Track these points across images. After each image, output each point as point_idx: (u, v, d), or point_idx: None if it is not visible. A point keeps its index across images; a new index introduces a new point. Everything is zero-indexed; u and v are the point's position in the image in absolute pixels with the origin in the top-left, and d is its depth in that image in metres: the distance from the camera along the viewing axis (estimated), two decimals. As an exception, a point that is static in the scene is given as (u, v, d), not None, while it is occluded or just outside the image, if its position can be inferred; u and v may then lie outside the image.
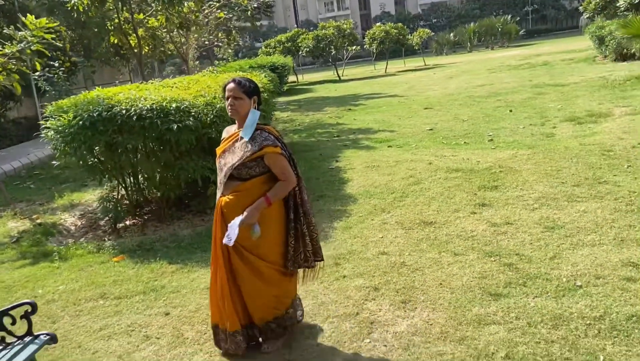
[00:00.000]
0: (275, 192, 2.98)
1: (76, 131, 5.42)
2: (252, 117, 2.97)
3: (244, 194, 2.96)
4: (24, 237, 6.11)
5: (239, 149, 2.97)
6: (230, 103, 2.99)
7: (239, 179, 2.97)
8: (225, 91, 3.04)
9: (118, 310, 3.99)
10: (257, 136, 2.96)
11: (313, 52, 26.87)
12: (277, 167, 2.98)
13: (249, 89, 3.02)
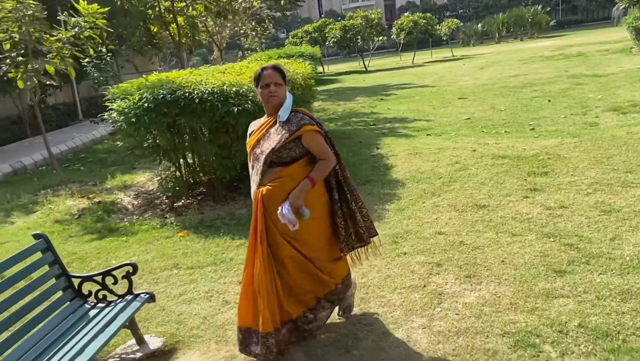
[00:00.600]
0: (317, 171, 2.90)
1: (141, 113, 5.68)
2: (289, 100, 2.96)
3: (287, 180, 2.87)
4: (86, 214, 6.43)
5: (274, 134, 2.90)
6: (272, 90, 2.90)
7: (279, 164, 2.89)
8: (262, 78, 2.92)
9: (193, 278, 4.25)
10: (292, 117, 2.92)
11: (340, 42, 26.94)
12: (315, 145, 2.91)
13: (285, 74, 3.02)
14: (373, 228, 3.23)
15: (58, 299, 3.10)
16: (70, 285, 3.18)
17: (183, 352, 3.23)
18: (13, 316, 2.81)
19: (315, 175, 2.89)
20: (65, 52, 7.77)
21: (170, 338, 3.36)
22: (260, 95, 2.98)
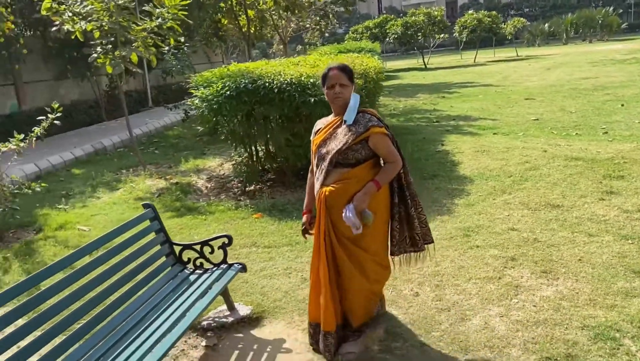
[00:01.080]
0: (383, 175, 2.86)
1: (223, 100, 6.01)
2: (354, 101, 2.89)
3: (352, 182, 2.84)
4: (165, 193, 6.84)
5: (341, 134, 2.86)
6: (337, 92, 2.87)
7: (344, 165, 2.85)
8: (328, 79, 2.90)
9: (271, 256, 4.51)
10: (359, 118, 2.86)
11: (400, 38, 26.77)
12: (383, 147, 2.87)
13: (351, 74, 2.95)
14: (429, 235, 3.15)
15: (161, 265, 3.41)
16: (172, 252, 3.49)
17: (269, 320, 3.47)
18: (123, 278, 3.12)
19: (381, 178, 2.85)
20: (149, 41, 8.25)
21: (257, 307, 3.62)
22: (326, 95, 2.97)
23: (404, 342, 3.08)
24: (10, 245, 5.20)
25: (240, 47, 25.69)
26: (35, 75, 12.50)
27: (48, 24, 11.36)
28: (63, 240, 5.25)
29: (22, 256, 4.87)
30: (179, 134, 11.84)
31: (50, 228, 5.64)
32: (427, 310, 3.41)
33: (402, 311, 3.41)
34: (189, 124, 12.62)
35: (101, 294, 2.91)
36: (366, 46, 20.22)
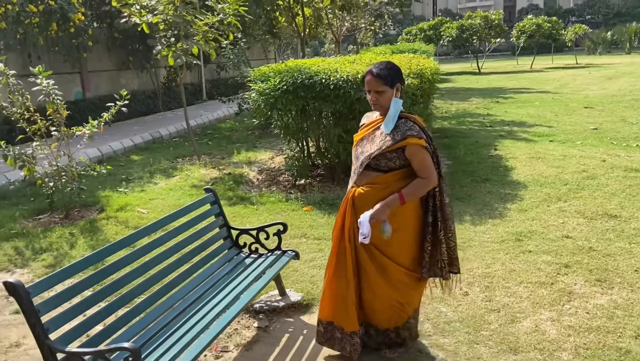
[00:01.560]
0: (411, 190, 2.68)
1: (279, 95, 6.15)
2: (394, 108, 2.70)
3: (381, 187, 2.72)
4: (218, 182, 7.07)
5: (378, 138, 2.72)
6: (372, 99, 2.74)
7: (377, 170, 2.74)
8: (365, 83, 2.78)
9: (320, 248, 4.60)
10: (400, 124, 2.70)
11: (455, 41, 26.37)
12: (417, 161, 2.68)
13: (390, 78, 2.70)
14: (456, 265, 2.89)
15: (218, 248, 3.56)
16: (229, 236, 3.64)
17: (318, 308, 3.56)
18: (182, 258, 3.27)
19: (407, 192, 2.67)
20: (209, 35, 8.53)
21: (307, 295, 3.72)
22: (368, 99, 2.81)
23: (453, 338, 3.10)
24: (75, 222, 5.52)
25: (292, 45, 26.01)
26: (99, 65, 13.11)
27: (115, 16, 11.92)
28: (123, 220, 5.53)
29: (86, 233, 5.17)
30: (231, 127, 12.15)
31: (112, 208, 5.95)
32: (477, 309, 3.41)
33: (450, 309, 3.43)
34: (242, 118, 12.92)
35: (161, 273, 3.07)
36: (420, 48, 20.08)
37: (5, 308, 3.74)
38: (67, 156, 5.67)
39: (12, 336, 3.36)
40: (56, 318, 2.26)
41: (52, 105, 5.37)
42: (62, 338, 2.22)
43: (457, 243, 2.87)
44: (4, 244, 4.94)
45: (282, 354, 3.07)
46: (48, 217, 5.76)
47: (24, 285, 2.13)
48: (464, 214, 5.29)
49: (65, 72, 11.73)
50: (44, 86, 5.27)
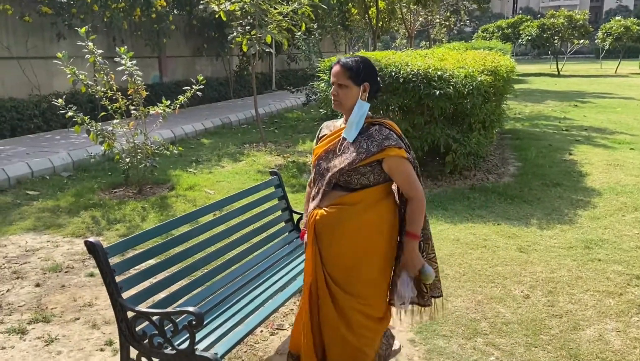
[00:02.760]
0: (415, 220, 2.26)
1: (348, 85, 6.17)
2: (358, 112, 2.23)
3: (347, 210, 2.25)
4: (282, 169, 7.21)
5: (349, 149, 2.25)
6: (333, 93, 2.28)
7: (345, 188, 2.27)
8: (331, 74, 2.32)
9: (379, 240, 4.61)
10: (374, 132, 2.24)
11: (534, 41, 25.30)
12: (401, 175, 2.24)
13: (359, 73, 2.24)
14: (439, 288, 2.49)
15: (279, 230, 3.65)
16: (290, 219, 3.72)
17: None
18: (244, 236, 3.37)
19: (413, 226, 2.26)
20: (283, 25, 8.68)
21: (362, 283, 3.74)
22: None
23: (510, 339, 3.02)
24: (147, 197, 5.84)
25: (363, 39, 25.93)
26: (176, 50, 13.68)
27: (195, 3, 12.40)
28: (191, 199, 5.78)
29: (157, 208, 5.45)
30: (298, 117, 12.32)
31: (181, 187, 6.23)
32: (537, 313, 3.30)
33: (509, 310, 3.34)
34: (308, 109, 13.07)
35: (223, 249, 3.18)
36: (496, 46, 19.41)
37: (81, 271, 4.03)
38: (144, 134, 5.98)
39: (86, 297, 3.62)
40: (127, 280, 2.42)
41: (133, 85, 5.68)
42: (131, 299, 2.37)
43: (437, 264, 2.45)
44: (83, 213, 5.31)
45: (335, 337, 3.11)
46: (123, 191, 6.12)
47: (102, 245, 2.29)
48: (531, 217, 5.11)
49: (145, 56, 12.33)
50: (128, 66, 5.58)
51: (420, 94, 5.89)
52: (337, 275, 2.30)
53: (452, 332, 3.14)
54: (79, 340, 3.05)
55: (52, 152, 7.38)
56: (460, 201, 5.68)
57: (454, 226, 4.92)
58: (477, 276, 3.86)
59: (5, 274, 3.93)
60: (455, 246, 4.42)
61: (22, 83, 9.58)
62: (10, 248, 4.45)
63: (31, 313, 3.35)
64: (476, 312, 3.36)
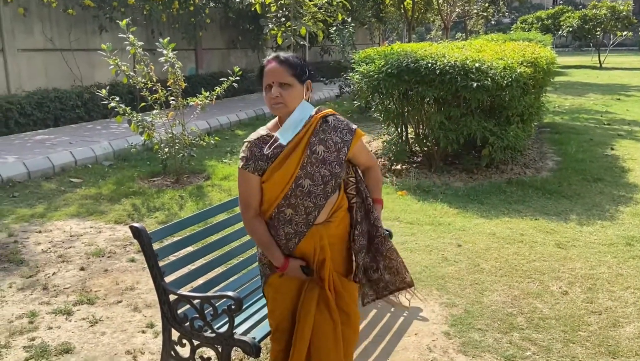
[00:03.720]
0: (378, 186, 2.22)
1: (383, 78, 6.15)
2: (300, 114, 2.00)
3: (344, 214, 2.11)
4: (316, 161, 7.25)
5: (322, 151, 2.00)
6: (274, 95, 1.95)
7: (333, 191, 2.04)
8: (264, 75, 1.99)
9: (412, 232, 4.60)
10: (335, 123, 2.06)
11: (576, 33, 24.51)
12: (365, 150, 2.17)
13: (303, 70, 2.00)
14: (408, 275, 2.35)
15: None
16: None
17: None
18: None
19: (379, 193, 2.22)
20: (319, 16, 8.69)
21: (397, 275, 3.74)
22: (264, 99, 2.01)
23: (547, 335, 2.98)
24: (184, 186, 5.97)
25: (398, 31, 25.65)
26: (212, 43, 13.86)
27: (231, -4, 12.54)
28: (227, 189, 5.88)
29: (194, 197, 5.57)
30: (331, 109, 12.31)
31: (217, 177, 6.34)
32: (576, 309, 3.25)
33: (547, 306, 3.29)
34: (341, 101, 13.05)
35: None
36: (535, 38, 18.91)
37: (123, 256, 4.17)
38: (182, 125, 6.11)
39: (128, 281, 3.74)
40: (167, 265, 2.49)
41: (173, 75, 5.80)
42: (172, 283, 2.45)
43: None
44: (123, 201, 5.48)
45: (369, 327, 3.13)
46: (161, 180, 6.27)
47: (147, 230, 2.37)
48: (570, 212, 5.00)
49: (182, 49, 12.53)
50: (169, 57, 5.70)
51: (456, 86, 5.81)
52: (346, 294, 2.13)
53: (488, 326, 3.11)
54: (121, 322, 3.16)
55: (93, 141, 7.62)
56: (496, 195, 5.60)
57: (490, 220, 4.86)
58: (513, 271, 3.81)
59: (51, 257, 4.10)
60: (491, 240, 4.37)
61: (65, 74, 9.90)
62: (56, 233, 4.64)
63: (76, 295, 3.49)
64: (512, 307, 3.32)
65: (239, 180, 2.06)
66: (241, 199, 2.07)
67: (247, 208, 2.05)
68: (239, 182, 2.05)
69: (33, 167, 6.35)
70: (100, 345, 2.91)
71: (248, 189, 2.03)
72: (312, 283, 2.09)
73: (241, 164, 2.03)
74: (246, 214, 2.06)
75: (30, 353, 2.80)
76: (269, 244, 2.07)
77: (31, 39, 9.40)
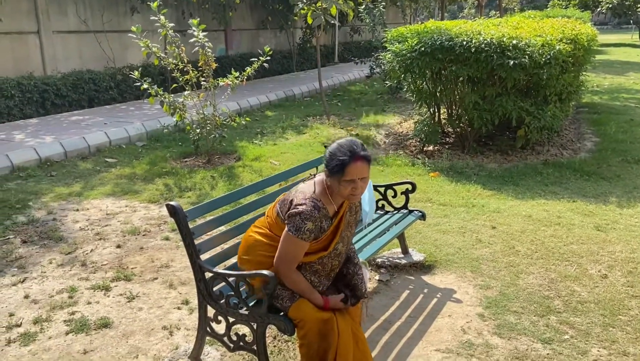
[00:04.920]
0: None
1: (415, 57, 6.03)
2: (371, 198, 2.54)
3: None
4: (346, 142, 7.19)
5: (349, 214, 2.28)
6: (355, 189, 2.11)
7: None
8: (350, 168, 2.07)
9: (445, 213, 4.53)
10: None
11: (615, 9, 23.56)
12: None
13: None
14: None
15: (346, 199, 3.67)
16: (358, 189, 3.72)
17: (440, 270, 3.55)
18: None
19: None
20: (349, -6, 8.52)
21: (429, 256, 3.71)
22: (334, 185, 2.13)
23: (586, 318, 2.91)
24: (216, 167, 6.02)
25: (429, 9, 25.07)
26: (241, 24, 13.83)
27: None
28: (257, 169, 5.90)
29: (225, 177, 5.61)
30: (361, 90, 12.19)
31: (248, 158, 6.37)
32: (616, 293, 3.16)
33: (586, 289, 3.21)
34: (372, 82, 12.90)
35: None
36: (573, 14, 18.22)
37: (157, 234, 4.24)
38: (212, 106, 6.13)
39: (163, 258, 3.81)
40: (203, 243, 2.51)
41: (204, 56, 5.81)
42: (207, 261, 2.46)
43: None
44: (157, 180, 5.56)
45: (402, 307, 3.12)
46: (193, 160, 6.34)
47: (182, 208, 2.39)
48: (610, 195, 4.85)
49: (212, 30, 12.54)
50: (200, 38, 5.71)
51: (492, 65, 5.66)
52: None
53: (524, 309, 3.06)
54: (157, 298, 3.23)
55: (127, 122, 7.74)
56: (532, 176, 5.47)
57: (526, 202, 4.75)
58: (550, 254, 3.72)
59: (88, 235, 4.20)
60: (527, 222, 4.28)
61: (98, 56, 10.04)
62: (93, 211, 4.75)
63: (113, 271, 3.57)
64: (549, 290, 3.25)
65: (291, 243, 2.15)
66: (288, 258, 2.18)
67: (292, 264, 2.19)
68: (291, 245, 2.16)
69: (69, 147, 6.50)
70: (137, 320, 2.98)
71: (299, 252, 2.18)
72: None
73: (304, 236, 2.13)
74: (289, 270, 2.20)
75: (70, 327, 2.89)
76: (310, 290, 2.23)
77: (65, 20, 9.55)
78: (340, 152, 2.09)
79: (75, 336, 2.82)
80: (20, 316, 3.01)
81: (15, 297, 3.22)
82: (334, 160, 2.09)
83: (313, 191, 2.18)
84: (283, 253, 2.17)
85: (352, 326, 2.28)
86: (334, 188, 2.14)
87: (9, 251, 3.87)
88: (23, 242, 4.04)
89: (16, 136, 6.86)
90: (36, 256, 3.81)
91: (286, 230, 2.15)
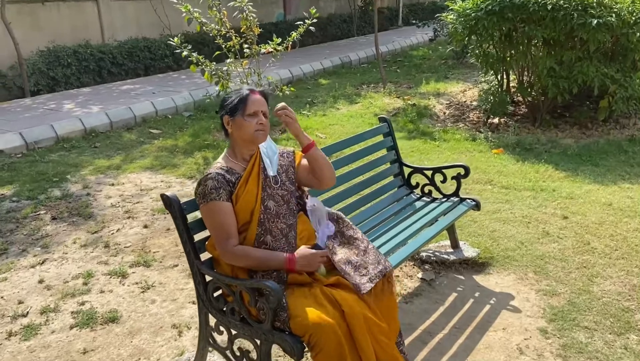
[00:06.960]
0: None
1: (482, 16, 5.33)
2: (270, 144, 2.15)
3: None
4: (400, 113, 6.63)
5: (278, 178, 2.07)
6: (260, 124, 2.02)
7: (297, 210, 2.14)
8: (249, 102, 2.02)
9: (508, 198, 3.95)
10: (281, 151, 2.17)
11: None
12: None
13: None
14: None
15: (388, 184, 3.20)
16: (401, 173, 3.25)
17: (497, 270, 3.03)
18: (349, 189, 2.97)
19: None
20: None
21: (484, 252, 3.19)
22: (240, 125, 2.01)
23: (680, 346, 2.33)
24: (259, 140, 5.68)
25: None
26: (301, -14, 13.28)
27: None
28: (302, 143, 5.50)
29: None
30: (423, 55, 11.40)
31: (294, 130, 5.98)
32: None
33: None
34: (436, 46, 12.05)
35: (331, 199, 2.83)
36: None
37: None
38: (257, 74, 5.76)
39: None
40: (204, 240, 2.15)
41: (245, 22, 5.41)
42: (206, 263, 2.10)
43: None
44: (196, 154, 5.31)
45: (446, 315, 2.65)
46: (237, 132, 6.03)
47: (179, 200, 2.04)
48: None
49: (269, -6, 12.13)
50: (239, 1, 5.30)
51: (572, 25, 4.89)
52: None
53: (597, 324, 2.51)
54: (173, 289, 2.95)
55: (175, 92, 7.55)
56: (614, 155, 4.73)
57: (606, 186, 4.07)
58: (633, 253, 3.10)
59: (118, 213, 4.01)
60: (607, 212, 3.63)
61: (154, 23, 9.91)
62: (128, 186, 4.57)
63: (135, 255, 3.34)
64: (630, 300, 2.67)
65: (207, 211, 1.96)
66: (217, 230, 1.95)
67: (228, 236, 1.93)
68: (209, 213, 1.95)
69: (115, 118, 6.39)
70: (147, 315, 2.72)
71: (223, 217, 1.94)
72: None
73: (212, 196, 1.94)
74: (227, 245, 1.93)
75: (76, 320, 2.67)
76: (267, 254, 1.95)
77: (121, -12, 9.45)
78: (235, 92, 2.08)
79: (79, 332, 2.59)
80: (28, 304, 2.83)
81: (29, 281, 3.06)
82: (231, 98, 2.06)
83: None
84: (211, 228, 1.98)
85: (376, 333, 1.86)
86: (237, 138, 2.05)
87: (36, 228, 3.74)
88: (53, 218, 3.91)
89: (65, 106, 6.84)
90: (62, 235, 3.65)
91: (200, 207, 1.99)
